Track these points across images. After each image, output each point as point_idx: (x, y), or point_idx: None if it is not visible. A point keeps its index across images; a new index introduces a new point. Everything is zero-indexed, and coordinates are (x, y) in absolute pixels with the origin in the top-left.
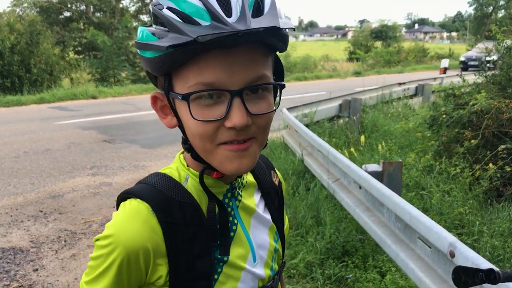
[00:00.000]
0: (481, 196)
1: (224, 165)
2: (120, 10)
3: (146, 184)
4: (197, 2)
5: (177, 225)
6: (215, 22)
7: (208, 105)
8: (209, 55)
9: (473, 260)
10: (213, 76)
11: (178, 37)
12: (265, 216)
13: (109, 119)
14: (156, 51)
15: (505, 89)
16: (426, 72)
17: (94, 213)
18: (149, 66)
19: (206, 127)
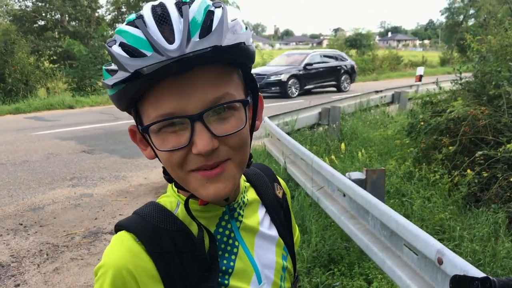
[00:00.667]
0: (460, 202)
1: (200, 192)
2: (96, 19)
3: (137, 215)
4: (140, 34)
5: (168, 254)
6: (155, 52)
7: (172, 133)
8: (162, 85)
9: (461, 267)
10: (170, 106)
11: (122, 73)
12: (271, 233)
13: (87, 129)
14: (109, 89)
15: (480, 96)
16: (401, 80)
17: (76, 225)
18: (113, 102)
19: (173, 156)
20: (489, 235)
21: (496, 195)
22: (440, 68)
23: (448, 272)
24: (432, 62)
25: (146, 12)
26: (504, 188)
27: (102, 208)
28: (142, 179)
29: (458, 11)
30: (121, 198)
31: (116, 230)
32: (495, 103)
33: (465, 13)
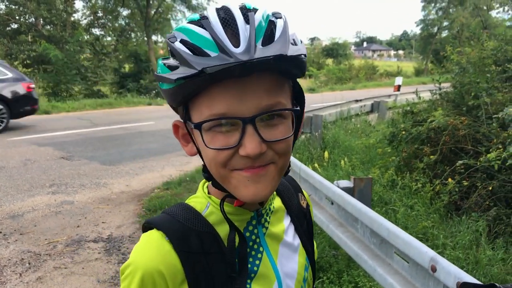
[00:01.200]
0: (442, 210)
1: (240, 190)
2: (72, 23)
3: (166, 214)
4: (206, 34)
5: (195, 254)
6: (221, 53)
7: (222, 133)
8: (220, 85)
9: (455, 274)
10: (225, 106)
11: (186, 69)
12: (294, 242)
13: (65, 135)
14: (168, 84)
15: (459, 106)
16: (377, 89)
17: (57, 233)
18: (166, 97)
19: (220, 154)
20: (471, 243)
21: (475, 203)
22: (415, 78)
23: (441, 280)
24: (407, 72)
25: (211, 14)
26: (483, 197)
27: (84, 216)
28: (123, 187)
29: (432, 23)
30: (103, 206)
31: (145, 228)
32: (474, 113)
33: (439, 25)
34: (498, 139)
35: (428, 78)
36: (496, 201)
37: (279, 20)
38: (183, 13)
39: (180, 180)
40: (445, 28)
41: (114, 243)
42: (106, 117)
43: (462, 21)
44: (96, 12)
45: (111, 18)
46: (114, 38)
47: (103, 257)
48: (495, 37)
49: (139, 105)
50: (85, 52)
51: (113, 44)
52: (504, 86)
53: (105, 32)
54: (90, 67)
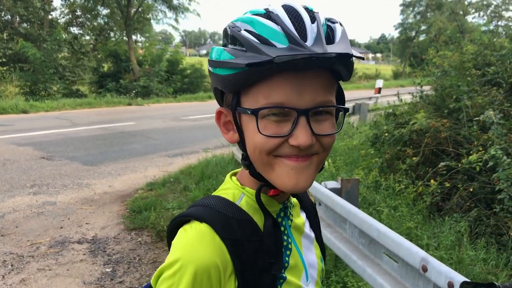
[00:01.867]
0: (425, 211)
1: (281, 179)
2: (49, 21)
3: (201, 206)
4: (275, 26)
5: (239, 241)
6: (292, 44)
7: (274, 122)
8: (280, 76)
9: (446, 274)
10: (282, 97)
11: (256, 56)
12: (311, 235)
13: (44, 134)
14: (232, 69)
15: (440, 109)
16: (357, 91)
17: (40, 234)
18: (221, 83)
19: (270, 141)
20: (453, 243)
21: (457, 204)
22: (394, 81)
23: (433, 280)
24: (385, 75)
25: (278, 9)
26: (464, 198)
27: (67, 217)
28: (106, 187)
29: (410, 27)
30: (86, 207)
31: (178, 222)
32: (455, 116)
33: (417, 29)
34: (478, 141)
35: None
36: (477, 202)
37: (336, 25)
38: (164, 13)
39: (164, 181)
40: (423, 32)
41: (99, 244)
42: (86, 117)
43: (440, 25)
44: (75, 11)
45: (90, 17)
46: (93, 37)
47: (88, 258)
48: (474, 42)
49: (119, 105)
50: (63, 51)
51: (92, 43)
52: (484, 90)
53: (83, 31)
54: (68, 66)
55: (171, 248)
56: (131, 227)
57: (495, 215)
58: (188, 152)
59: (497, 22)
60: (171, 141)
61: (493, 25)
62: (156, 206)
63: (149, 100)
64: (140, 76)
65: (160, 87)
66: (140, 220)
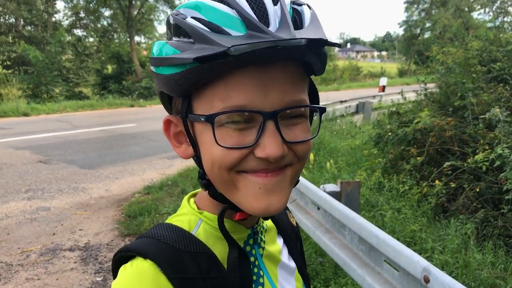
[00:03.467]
0: (429, 213)
1: (248, 201)
2: (53, 24)
3: (147, 237)
4: (228, 10)
5: (192, 280)
6: (252, 31)
7: (235, 130)
8: (239, 73)
9: (449, 285)
10: (244, 98)
11: (206, 48)
12: (290, 264)
13: (43, 137)
14: (177, 66)
15: (445, 107)
16: (361, 90)
17: (31, 241)
18: (165, 84)
19: (231, 154)
20: (459, 246)
21: (463, 205)
22: (399, 79)
23: None
24: (390, 73)
25: None
26: (471, 199)
27: (60, 223)
28: (103, 191)
29: (415, 24)
30: (81, 212)
31: (120, 258)
32: (460, 114)
33: (422, 26)
34: (484, 140)
35: (411, 79)
36: (484, 203)
37: (304, 7)
38: (166, 13)
39: (162, 184)
40: (428, 29)
41: (91, 251)
42: (87, 119)
43: (444, 22)
44: (78, 13)
45: (93, 18)
46: (96, 39)
47: (79, 266)
48: (479, 38)
49: (121, 106)
50: (67, 53)
51: (96, 45)
52: (489, 87)
53: (87, 33)
54: (72, 68)
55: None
56: (126, 233)
57: (503, 216)
58: None
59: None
60: None
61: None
62: (151, 211)
63: (152, 102)
64: (142, 77)
65: None
66: (135, 225)
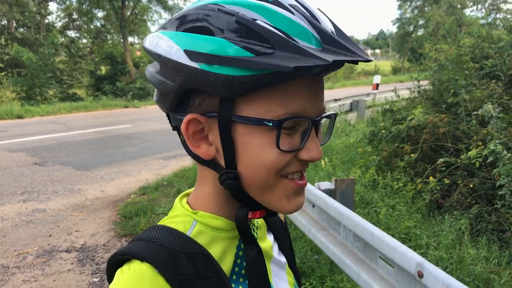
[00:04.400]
0: (424, 209)
1: (282, 202)
2: (46, 25)
3: (142, 240)
4: (297, 19)
5: (190, 281)
6: (327, 45)
7: (287, 135)
8: (298, 81)
9: (443, 280)
10: (300, 105)
11: (293, 56)
12: (281, 259)
13: (38, 139)
14: (249, 69)
15: (438, 104)
16: (356, 88)
17: (28, 243)
18: (221, 85)
19: (285, 158)
20: (454, 242)
21: (457, 201)
22: (393, 77)
23: (429, 286)
24: (384, 71)
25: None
26: (465, 195)
27: (56, 224)
28: (98, 192)
29: (408, 22)
30: (77, 213)
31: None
32: (453, 110)
33: (415, 24)
34: (477, 136)
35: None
36: (477, 199)
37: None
38: (159, 14)
39: (157, 184)
40: (421, 27)
41: (88, 252)
42: (82, 120)
43: (437, 19)
44: (71, 14)
45: (86, 20)
46: (89, 40)
47: (75, 268)
48: (471, 35)
49: (116, 107)
50: (60, 54)
51: (89, 46)
52: (482, 83)
53: (80, 34)
54: (66, 70)
55: None
56: (122, 234)
57: (496, 211)
58: (183, 154)
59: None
60: (166, 143)
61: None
62: (147, 211)
63: (146, 102)
64: (136, 78)
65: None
66: (131, 226)
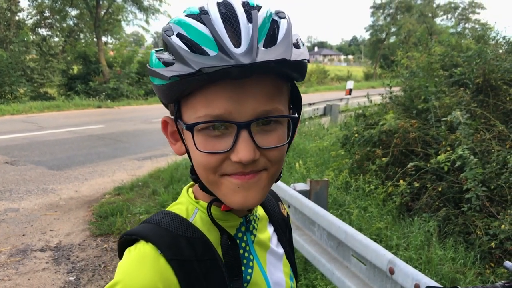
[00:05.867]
0: (394, 211)
1: (229, 197)
2: (16, 22)
3: (149, 223)
4: (205, 30)
5: (188, 262)
6: (221, 53)
7: (214, 136)
8: (217, 85)
9: (413, 276)
10: (221, 108)
11: (182, 67)
12: (279, 251)
13: (9, 138)
14: (162, 80)
15: (409, 109)
16: (329, 93)
17: (1, 242)
18: (157, 93)
19: (210, 158)
20: (423, 243)
21: (426, 204)
22: (365, 83)
23: (400, 282)
24: (356, 77)
25: (212, 9)
26: (433, 198)
27: (30, 224)
28: (72, 192)
29: (381, 29)
30: (51, 213)
31: (125, 241)
32: (423, 116)
33: (387, 31)
34: (446, 142)
35: (377, 82)
36: (445, 202)
37: (283, 21)
38: (134, 14)
39: (132, 185)
40: (393, 34)
41: (63, 251)
42: (54, 120)
43: (409, 27)
44: (43, 12)
45: (58, 18)
46: (62, 39)
47: (51, 267)
48: (441, 43)
49: (89, 107)
50: (31, 53)
51: (61, 45)
52: (451, 90)
53: (52, 32)
54: (37, 69)
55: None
56: (97, 233)
57: (463, 214)
58: (158, 155)
59: (464, 24)
60: (140, 144)
61: (460, 27)
62: (123, 211)
63: (119, 103)
64: (110, 78)
65: (131, 89)
66: (107, 226)
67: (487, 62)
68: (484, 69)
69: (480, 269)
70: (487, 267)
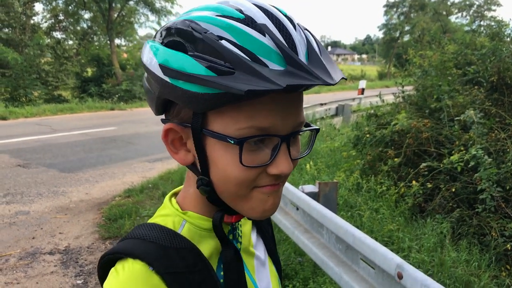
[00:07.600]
0: (407, 213)
1: (257, 209)
2: (31, 26)
3: (133, 238)
4: (264, 39)
5: (180, 274)
6: (291, 67)
7: (252, 151)
8: (268, 97)
9: (422, 281)
10: (269, 121)
11: (251, 79)
12: (264, 254)
13: (22, 141)
14: (210, 88)
15: (422, 109)
16: (342, 93)
17: (11, 245)
18: (187, 99)
19: (250, 173)
20: (435, 245)
21: (439, 205)
22: (379, 82)
23: (408, 287)
24: (370, 76)
25: (259, 14)
26: (447, 199)
27: (40, 227)
28: (83, 195)
29: (394, 28)
30: (61, 215)
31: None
32: (436, 115)
33: (401, 30)
34: (460, 141)
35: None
36: (459, 203)
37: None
38: (146, 16)
39: (142, 187)
40: (407, 33)
41: (72, 254)
42: (67, 122)
43: (423, 25)
44: (57, 15)
45: (72, 21)
46: (76, 41)
47: (59, 270)
48: (455, 41)
49: (101, 110)
50: (46, 56)
51: (75, 48)
52: (465, 89)
53: (66, 35)
54: (51, 72)
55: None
56: (106, 236)
57: (477, 215)
58: (169, 157)
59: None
60: (152, 146)
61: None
62: (132, 214)
63: (132, 105)
64: (123, 80)
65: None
66: (115, 228)
67: (502, 60)
68: (498, 67)
69: (496, 271)
70: (502, 269)
